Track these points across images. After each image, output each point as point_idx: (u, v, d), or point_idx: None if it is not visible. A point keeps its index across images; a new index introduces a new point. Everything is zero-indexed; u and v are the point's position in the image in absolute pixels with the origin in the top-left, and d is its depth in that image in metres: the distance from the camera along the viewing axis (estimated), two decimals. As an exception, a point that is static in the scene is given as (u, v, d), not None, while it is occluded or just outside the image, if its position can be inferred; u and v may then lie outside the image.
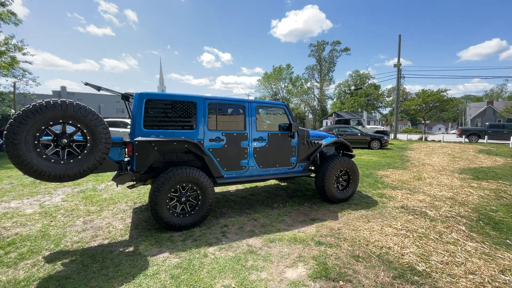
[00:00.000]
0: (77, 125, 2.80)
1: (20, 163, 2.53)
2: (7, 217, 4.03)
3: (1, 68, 15.41)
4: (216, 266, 2.67)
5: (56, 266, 2.67)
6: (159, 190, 3.32)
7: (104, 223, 3.81)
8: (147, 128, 3.48)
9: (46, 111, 2.60)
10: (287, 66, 49.61)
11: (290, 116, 4.54)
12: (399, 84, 25.19)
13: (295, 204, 4.75)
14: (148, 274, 2.52)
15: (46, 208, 4.45)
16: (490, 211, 4.35)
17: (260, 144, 4.25)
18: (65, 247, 3.10)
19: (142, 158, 3.35)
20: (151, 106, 3.56)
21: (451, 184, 6.23)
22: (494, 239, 3.34)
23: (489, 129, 19.62)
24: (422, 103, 26.81)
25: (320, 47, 48.63)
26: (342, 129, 15.03)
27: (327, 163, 4.68)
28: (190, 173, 3.48)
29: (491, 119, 39.88)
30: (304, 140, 4.70)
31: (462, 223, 3.84)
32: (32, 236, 3.37)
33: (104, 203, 4.71)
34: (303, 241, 3.24)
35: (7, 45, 15.95)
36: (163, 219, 3.37)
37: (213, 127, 3.89)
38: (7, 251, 2.97)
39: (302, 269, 2.64)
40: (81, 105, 2.80)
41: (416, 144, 17.77)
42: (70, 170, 2.79)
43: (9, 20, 15.12)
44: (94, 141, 2.90)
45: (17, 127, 2.49)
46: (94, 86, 3.78)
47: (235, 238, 3.33)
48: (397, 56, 24.51)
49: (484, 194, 5.38)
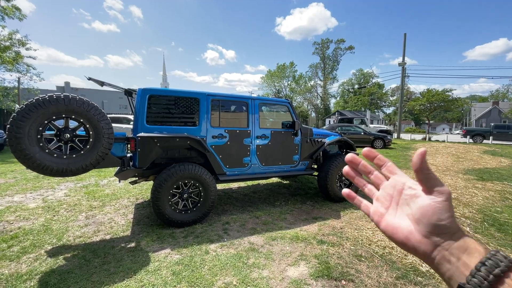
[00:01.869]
0: (80, 120, 2.79)
1: (23, 157, 2.53)
2: (11, 211, 4.05)
3: (5, 63, 15.50)
4: (217, 263, 2.66)
5: (58, 261, 2.68)
6: (161, 186, 3.31)
7: (106, 219, 3.82)
8: (150, 124, 3.47)
9: (49, 106, 2.59)
10: (291, 64, 49.38)
11: (293, 114, 4.50)
12: (403, 84, 24.97)
13: (297, 202, 4.72)
14: (150, 270, 2.51)
15: (49, 202, 4.47)
16: (495, 213, 4.30)
17: (263, 141, 4.22)
18: (67, 242, 3.11)
19: (144, 154, 3.35)
20: (154, 102, 3.55)
21: (455, 184, 6.17)
22: (499, 241, 3.29)
23: (494, 130, 19.41)
24: (426, 102, 26.56)
25: (324, 45, 48.27)
26: (345, 128, 14.94)
27: (330, 161, 4.64)
28: (192, 169, 3.46)
29: (496, 120, 39.46)
30: (307, 138, 4.67)
31: (467, 224, 3.79)
32: (35, 230, 3.39)
33: (106, 199, 4.72)
34: (305, 239, 3.22)
35: (11, 40, 16.02)
36: (165, 215, 3.36)
37: (216, 124, 3.87)
38: (10, 245, 2.99)
39: (304, 268, 2.62)
40: (84, 100, 2.79)
41: (419, 144, 17.64)
42: (73, 165, 2.78)
43: (13, 15, 15.17)
44: (97, 136, 2.89)
45: (20, 121, 2.48)
46: (97, 81, 3.77)
47: (236, 236, 3.32)
48: (402, 55, 24.30)
49: (488, 195, 5.32)
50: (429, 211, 0.40)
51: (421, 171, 0.41)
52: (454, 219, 0.40)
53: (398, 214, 0.45)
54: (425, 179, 0.42)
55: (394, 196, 0.46)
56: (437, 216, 0.40)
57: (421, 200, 0.42)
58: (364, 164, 0.51)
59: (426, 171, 0.41)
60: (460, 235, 0.39)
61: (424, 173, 0.41)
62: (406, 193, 0.45)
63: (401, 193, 0.45)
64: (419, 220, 0.41)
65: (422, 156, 0.41)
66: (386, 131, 19.66)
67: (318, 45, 48.72)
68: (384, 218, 0.46)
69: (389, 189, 0.47)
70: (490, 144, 17.95)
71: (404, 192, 0.45)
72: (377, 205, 0.48)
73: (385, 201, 0.47)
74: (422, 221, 0.41)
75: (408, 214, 0.43)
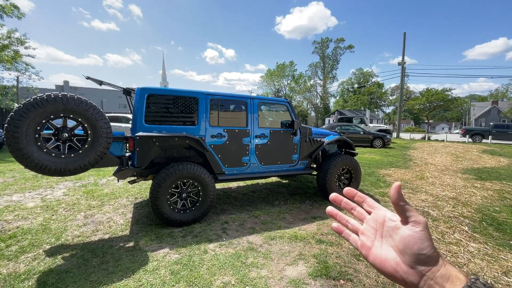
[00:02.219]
0: (78, 119, 2.78)
1: (20, 157, 2.52)
2: (9, 210, 4.04)
3: (4, 62, 15.43)
4: (216, 262, 2.66)
5: (56, 260, 2.68)
6: (160, 185, 3.31)
7: (105, 218, 3.82)
8: (148, 123, 3.46)
9: (47, 105, 2.58)
10: (290, 63, 49.31)
11: (292, 113, 4.50)
12: (403, 83, 24.97)
13: (296, 201, 4.73)
14: (148, 270, 2.51)
15: (47, 202, 4.46)
16: (493, 212, 4.30)
17: (262, 141, 4.21)
18: (65, 241, 3.10)
19: (143, 154, 3.34)
20: (152, 101, 3.54)
21: (454, 184, 6.18)
22: (497, 240, 3.30)
23: (493, 129, 19.43)
24: (426, 102, 26.55)
25: (324, 44, 48.19)
26: (345, 127, 14.94)
27: (329, 161, 4.64)
28: (191, 169, 3.46)
29: (495, 119, 39.51)
30: (307, 138, 4.66)
31: (465, 224, 3.80)
32: (33, 229, 3.38)
33: (105, 198, 4.72)
34: (304, 239, 3.22)
35: (10, 38, 15.94)
36: (164, 214, 3.36)
37: (214, 123, 3.86)
38: (8, 244, 2.99)
39: (302, 267, 2.62)
40: (82, 99, 2.78)
41: (419, 143, 17.66)
42: (71, 164, 2.78)
43: (12, 13, 15.09)
44: (95, 136, 2.88)
45: (18, 120, 2.47)
46: (96, 80, 3.76)
47: (235, 235, 3.32)
48: (402, 54, 24.28)
49: (487, 194, 5.33)
50: (410, 241, 0.43)
51: (398, 204, 0.45)
52: (434, 247, 0.43)
53: (383, 246, 0.48)
54: (401, 211, 0.45)
55: (378, 229, 0.49)
56: (418, 246, 0.43)
57: (402, 231, 0.45)
58: (346, 201, 0.55)
59: (402, 203, 0.45)
60: (441, 262, 0.42)
61: (400, 205, 0.45)
62: (387, 225, 0.48)
63: (383, 226, 0.49)
64: (403, 251, 0.44)
65: (398, 190, 0.45)
66: (386, 130, 19.67)
67: (317, 44, 48.65)
68: (372, 251, 0.49)
69: (371, 222, 0.51)
70: (489, 143, 17.97)
71: (385, 224, 0.48)
72: (363, 239, 0.51)
73: (370, 235, 0.50)
74: (406, 251, 0.44)
75: (393, 245, 0.46)
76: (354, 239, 0.52)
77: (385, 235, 0.48)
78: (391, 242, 0.47)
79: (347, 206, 0.54)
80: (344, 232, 0.54)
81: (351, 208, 0.54)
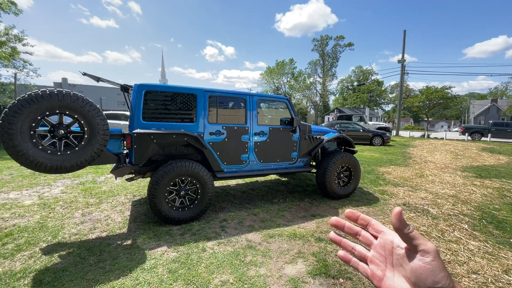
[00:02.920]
0: (74, 116, 2.74)
1: (15, 154, 2.48)
2: (6, 208, 4.01)
3: (1, 59, 15.30)
4: (214, 261, 2.64)
5: (53, 258, 2.65)
6: (158, 183, 3.27)
7: (102, 216, 3.79)
8: (146, 120, 3.42)
9: (42, 101, 2.54)
10: (290, 61, 49.09)
11: (292, 110, 4.46)
12: (403, 81, 24.91)
13: (295, 199, 4.70)
14: (146, 268, 2.49)
15: (45, 199, 4.43)
16: (493, 210, 4.29)
17: (261, 138, 4.18)
18: (62, 239, 3.07)
19: (141, 151, 3.30)
20: (150, 98, 3.49)
21: (453, 182, 6.16)
22: (497, 238, 3.29)
23: (492, 127, 19.40)
24: (425, 100, 26.50)
25: (324, 42, 48.01)
26: (344, 125, 14.92)
27: (329, 158, 4.62)
28: (189, 166, 3.43)
29: (494, 117, 39.50)
30: (306, 135, 4.63)
31: (465, 222, 3.79)
32: (30, 227, 3.35)
33: (103, 196, 4.68)
34: (303, 237, 3.20)
35: (8, 35, 15.79)
36: (162, 212, 3.33)
37: (213, 120, 3.82)
38: (4, 242, 2.95)
39: (301, 266, 2.60)
40: (78, 96, 2.73)
41: (418, 141, 17.65)
42: (67, 162, 2.74)
43: (9, 9, 14.94)
44: (92, 133, 2.84)
45: (12, 116, 2.43)
46: (93, 77, 3.71)
47: (234, 233, 3.30)
48: (402, 52, 24.21)
49: (487, 192, 5.32)
50: (422, 274, 0.39)
51: (402, 231, 0.42)
52: (449, 277, 0.39)
53: (396, 277, 0.44)
54: (407, 239, 0.42)
55: (387, 257, 0.45)
56: (431, 279, 0.39)
57: (412, 262, 0.41)
58: (349, 226, 0.50)
59: (406, 231, 0.41)
60: None
61: (404, 233, 0.41)
62: (397, 253, 0.44)
63: (392, 253, 0.45)
64: (416, 284, 0.40)
65: (399, 216, 0.41)
66: (385, 128, 19.64)
67: (317, 41, 48.50)
68: (384, 282, 0.45)
69: (379, 249, 0.47)
70: (489, 141, 17.97)
71: (394, 252, 0.45)
72: (373, 268, 0.47)
73: (380, 263, 0.46)
74: (419, 285, 0.40)
75: (405, 276, 0.42)
76: (363, 268, 0.48)
77: (395, 263, 0.44)
78: (402, 272, 0.43)
79: (351, 231, 0.50)
80: (352, 261, 0.50)
81: (356, 233, 0.50)
